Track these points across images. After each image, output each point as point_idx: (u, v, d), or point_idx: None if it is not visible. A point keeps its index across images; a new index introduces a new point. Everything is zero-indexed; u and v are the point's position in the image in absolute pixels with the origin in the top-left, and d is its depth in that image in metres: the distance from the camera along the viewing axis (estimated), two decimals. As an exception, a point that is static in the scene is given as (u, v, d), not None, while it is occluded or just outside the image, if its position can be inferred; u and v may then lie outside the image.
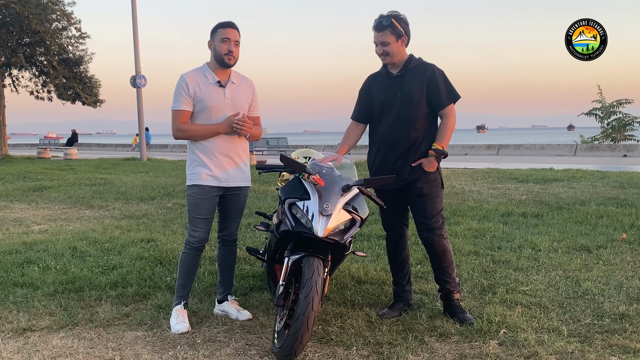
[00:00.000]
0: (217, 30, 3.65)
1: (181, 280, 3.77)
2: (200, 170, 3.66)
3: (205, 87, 3.64)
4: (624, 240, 5.63)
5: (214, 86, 3.66)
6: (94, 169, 16.21)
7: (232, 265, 3.96)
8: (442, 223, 3.77)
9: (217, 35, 3.64)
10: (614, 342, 3.24)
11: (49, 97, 25.12)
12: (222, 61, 3.65)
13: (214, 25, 3.71)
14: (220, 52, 3.62)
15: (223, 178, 3.69)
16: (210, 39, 3.69)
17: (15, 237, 6.44)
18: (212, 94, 3.64)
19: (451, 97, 3.70)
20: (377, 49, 3.70)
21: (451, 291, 3.76)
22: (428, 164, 3.66)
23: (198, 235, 3.71)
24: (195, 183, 3.68)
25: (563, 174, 11.23)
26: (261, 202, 8.52)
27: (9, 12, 21.44)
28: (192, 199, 3.70)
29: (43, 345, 3.36)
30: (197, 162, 3.68)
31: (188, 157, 3.78)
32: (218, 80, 3.67)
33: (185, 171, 3.81)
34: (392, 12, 3.69)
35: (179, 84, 3.65)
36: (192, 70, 3.71)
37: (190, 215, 3.72)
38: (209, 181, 3.66)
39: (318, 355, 3.19)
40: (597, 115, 26.34)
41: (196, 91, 3.62)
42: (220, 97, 3.66)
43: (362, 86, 3.93)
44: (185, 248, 3.77)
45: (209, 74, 3.68)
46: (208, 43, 3.71)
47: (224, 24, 3.66)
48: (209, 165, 3.66)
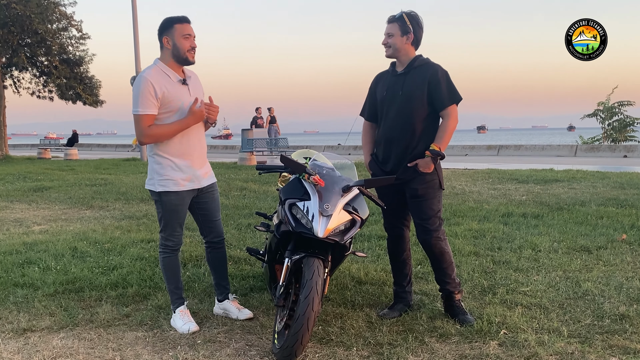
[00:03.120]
0: (173, 26, 3.46)
1: (172, 284, 3.71)
2: (175, 175, 3.50)
3: (171, 87, 3.45)
4: (624, 240, 5.63)
5: (178, 84, 3.50)
6: (94, 169, 16.21)
7: (224, 266, 3.90)
8: (440, 225, 3.75)
9: (175, 31, 3.45)
10: (614, 342, 3.24)
11: (50, 97, 25.17)
12: (184, 59, 3.48)
13: (166, 19, 3.51)
14: (183, 48, 3.45)
15: (197, 179, 3.57)
16: (166, 35, 3.47)
17: (16, 237, 6.45)
18: (179, 93, 3.48)
19: (452, 98, 3.69)
20: (383, 39, 3.74)
21: (451, 292, 3.76)
22: (424, 164, 3.64)
23: (177, 239, 3.65)
24: (171, 189, 3.51)
25: (563, 175, 11.23)
26: (261, 203, 8.52)
27: (10, 13, 21.45)
28: (169, 206, 3.54)
29: (43, 346, 3.37)
30: (170, 165, 3.50)
31: (154, 161, 3.54)
32: (182, 78, 3.52)
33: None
34: (411, 11, 3.74)
35: (143, 85, 3.38)
36: (149, 70, 3.47)
37: (166, 221, 3.59)
38: (186, 186, 3.53)
39: (318, 355, 3.19)
40: (600, 117, 26.38)
41: (164, 92, 3.41)
42: (186, 96, 3.51)
43: (370, 84, 3.95)
44: (164, 253, 3.66)
45: (169, 72, 3.49)
46: (163, 39, 3.48)
47: (182, 19, 3.48)
48: (183, 168, 3.51)
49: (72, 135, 33.57)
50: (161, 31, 3.51)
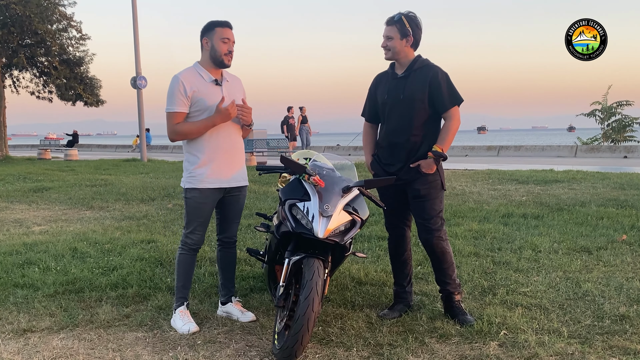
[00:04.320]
0: (214, 29, 3.56)
1: (181, 282, 3.74)
2: (201, 172, 3.58)
3: (202, 86, 3.56)
4: (624, 241, 5.63)
5: (211, 84, 3.58)
6: (94, 169, 16.21)
7: (233, 267, 3.94)
8: (442, 225, 3.76)
9: (215, 34, 3.56)
10: (614, 343, 3.24)
11: (50, 97, 25.17)
12: (220, 61, 3.58)
13: (209, 22, 3.60)
14: (221, 51, 3.55)
15: (225, 179, 3.62)
16: (206, 37, 3.59)
17: (16, 238, 6.45)
18: (210, 92, 3.57)
19: (454, 99, 3.70)
20: (382, 42, 3.73)
21: (452, 292, 3.76)
22: (426, 166, 3.65)
23: (196, 238, 3.69)
24: (195, 186, 3.59)
25: (563, 175, 11.23)
26: (261, 203, 8.51)
27: (9, 13, 21.46)
28: (192, 203, 3.62)
29: (43, 346, 3.37)
30: (197, 163, 3.59)
31: (185, 158, 3.68)
32: (215, 79, 3.61)
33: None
34: (409, 12, 3.73)
35: (175, 84, 3.52)
36: (184, 71, 3.60)
37: (189, 218, 3.66)
38: (211, 183, 3.59)
39: (318, 356, 3.19)
40: (597, 117, 26.36)
41: (194, 91, 3.52)
42: (218, 96, 3.58)
43: (370, 85, 3.95)
44: (182, 249, 3.72)
45: (204, 73, 3.59)
46: (203, 40, 3.60)
47: (223, 23, 3.58)
48: (211, 166, 3.57)
49: (72, 136, 33.58)
50: (202, 33, 3.62)
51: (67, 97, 24.67)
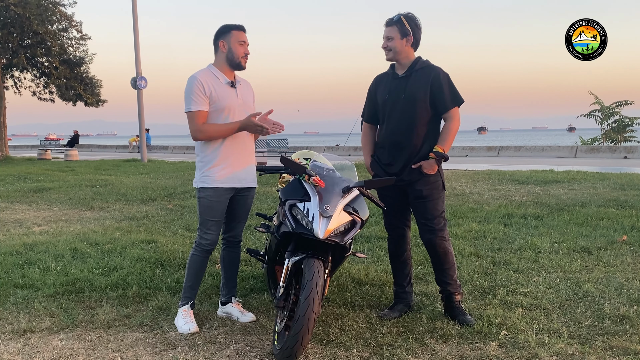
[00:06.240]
0: (231, 32, 3.61)
1: (190, 282, 3.75)
2: (214, 172, 3.61)
3: (219, 87, 3.60)
4: (624, 241, 5.63)
5: (226, 86, 3.63)
6: (94, 170, 16.22)
7: (236, 267, 3.96)
8: (444, 225, 3.76)
9: (232, 36, 3.60)
10: (615, 343, 3.24)
11: (51, 98, 25.19)
12: (237, 64, 3.62)
13: (224, 25, 3.65)
14: (238, 54, 3.59)
15: (237, 179, 3.67)
16: (223, 40, 3.62)
17: (16, 238, 6.44)
18: (226, 94, 3.61)
19: (455, 100, 3.71)
20: (382, 43, 3.74)
21: (452, 293, 3.76)
22: (428, 166, 3.66)
23: (210, 238, 3.70)
24: (209, 185, 3.62)
25: (563, 176, 11.23)
26: (261, 204, 8.52)
27: (9, 14, 21.46)
28: (205, 202, 3.64)
29: (43, 347, 3.37)
30: (211, 163, 3.62)
31: (199, 159, 3.69)
32: (230, 81, 3.64)
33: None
34: (408, 12, 3.74)
35: (193, 84, 3.54)
36: (201, 71, 3.63)
37: (202, 217, 3.68)
38: (224, 183, 3.62)
39: (318, 356, 3.19)
40: (597, 117, 26.38)
41: (212, 92, 3.56)
42: (233, 97, 3.63)
43: (370, 86, 3.95)
44: (195, 250, 3.73)
45: (219, 75, 3.63)
46: (220, 43, 3.62)
47: (240, 27, 3.64)
48: (224, 166, 3.61)
49: (73, 136, 33.60)
50: (218, 35, 3.65)
51: (67, 97, 24.70)
